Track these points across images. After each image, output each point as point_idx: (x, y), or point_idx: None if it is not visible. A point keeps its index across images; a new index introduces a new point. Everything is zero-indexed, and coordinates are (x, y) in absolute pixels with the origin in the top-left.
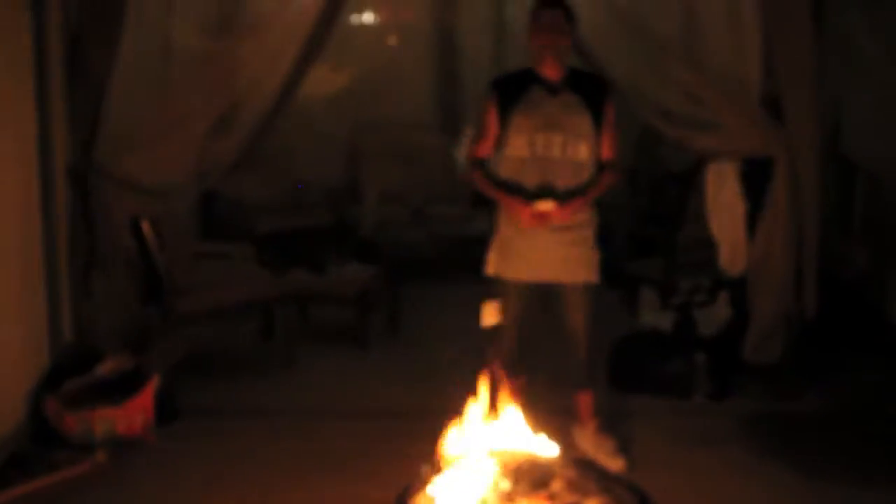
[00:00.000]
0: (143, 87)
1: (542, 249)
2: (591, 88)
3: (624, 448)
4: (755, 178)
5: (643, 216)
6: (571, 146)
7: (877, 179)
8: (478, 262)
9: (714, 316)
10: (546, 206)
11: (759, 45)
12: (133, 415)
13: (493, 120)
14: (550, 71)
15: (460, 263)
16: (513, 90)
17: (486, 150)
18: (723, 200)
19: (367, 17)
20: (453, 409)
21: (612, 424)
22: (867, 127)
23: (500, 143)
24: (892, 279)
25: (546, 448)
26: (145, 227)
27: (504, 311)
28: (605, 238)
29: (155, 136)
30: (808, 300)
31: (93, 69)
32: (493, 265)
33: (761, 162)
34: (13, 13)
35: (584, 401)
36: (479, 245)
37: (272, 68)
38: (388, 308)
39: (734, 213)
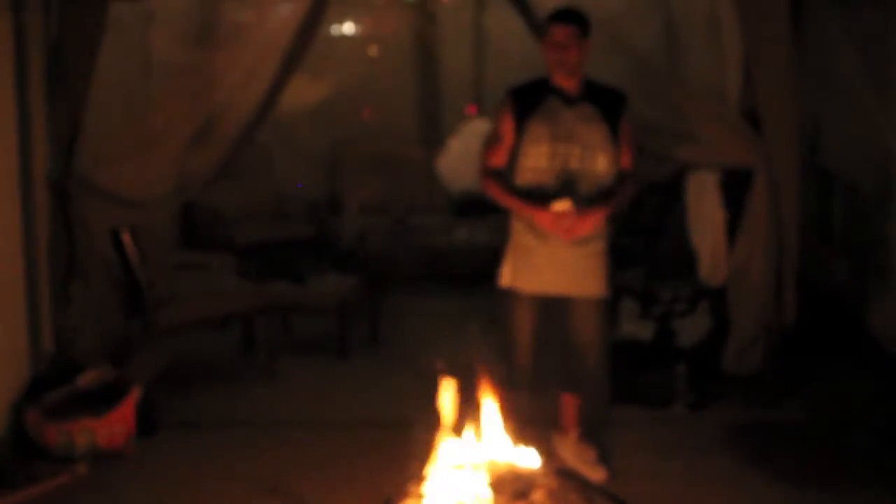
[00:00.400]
0: (122, 98)
1: (558, 261)
2: (607, 100)
3: (604, 458)
4: (735, 189)
5: (624, 226)
6: (589, 158)
7: (854, 190)
8: (459, 271)
9: (694, 326)
10: (563, 205)
11: (739, 59)
12: (114, 426)
13: (508, 128)
14: (566, 82)
15: (441, 274)
16: (529, 99)
17: (500, 159)
18: (703, 211)
19: (348, 28)
20: (434, 420)
21: (591, 433)
22: (844, 138)
23: (515, 154)
24: (870, 289)
25: (527, 458)
26: (125, 238)
27: (517, 324)
28: None
29: (135, 147)
30: (788, 310)
31: (73, 79)
32: (507, 277)
33: (741, 173)
34: None
35: (571, 408)
36: (460, 255)
37: (252, 79)
38: (368, 318)
39: (714, 224)
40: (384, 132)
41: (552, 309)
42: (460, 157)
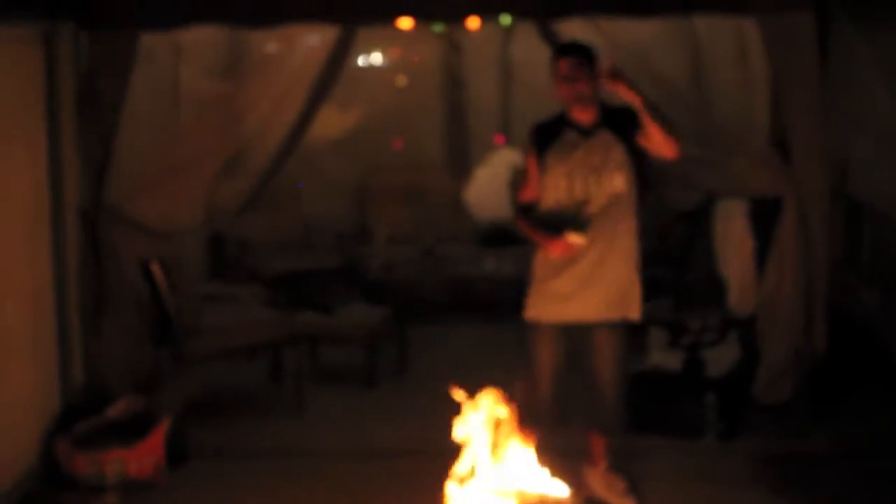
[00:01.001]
0: (152, 130)
1: (577, 289)
2: (622, 120)
3: (633, 489)
4: (763, 217)
5: (651, 255)
6: (607, 179)
7: (884, 218)
8: (486, 301)
9: (723, 355)
10: (576, 238)
11: (767, 87)
12: (144, 456)
13: (533, 166)
14: (581, 115)
15: (469, 303)
16: (548, 136)
17: (529, 195)
18: (731, 239)
19: (375, 58)
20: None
21: (621, 464)
22: (873, 166)
23: (541, 188)
24: None
25: (556, 488)
26: (155, 268)
27: (540, 356)
28: None
29: (164, 178)
30: (819, 339)
31: (103, 110)
32: (531, 309)
33: (769, 200)
34: (26, 51)
35: (599, 440)
36: (487, 284)
37: (279, 111)
38: (396, 348)
39: (743, 252)
40: (411, 162)
41: (576, 341)
42: (487, 187)
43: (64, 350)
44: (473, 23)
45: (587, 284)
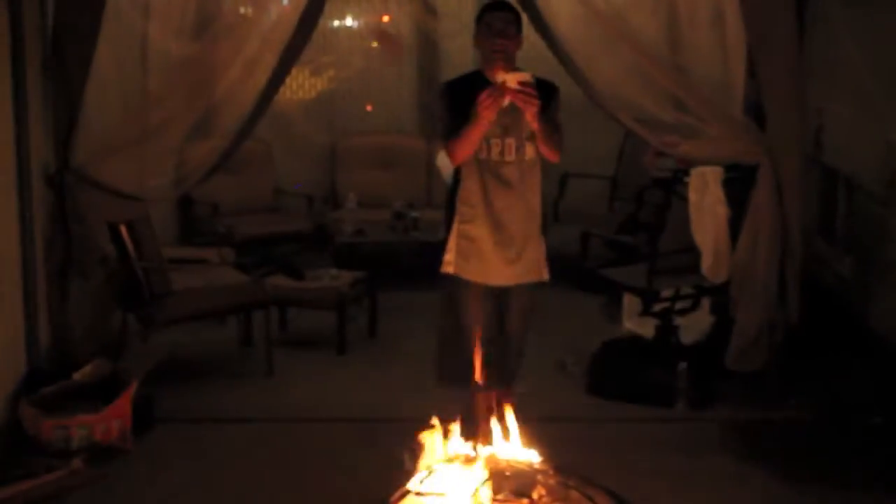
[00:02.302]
0: (120, 92)
1: (502, 252)
2: (540, 92)
3: (607, 454)
4: (738, 185)
5: (626, 222)
6: (523, 148)
7: (858, 186)
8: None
9: (696, 323)
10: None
11: (743, 53)
12: (111, 421)
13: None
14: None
15: (439, 268)
16: (464, 94)
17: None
18: (705, 207)
19: (347, 21)
20: (433, 413)
21: (592, 431)
22: (848, 134)
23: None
24: (873, 286)
25: (527, 455)
26: (123, 231)
27: (462, 314)
28: (585, 244)
29: (132, 141)
30: (792, 307)
31: (69, 71)
32: (451, 264)
33: (744, 168)
34: None
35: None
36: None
37: (251, 72)
38: (367, 313)
39: (717, 220)
40: (384, 125)
41: (493, 299)
42: None
43: (30, 313)
44: None
45: (508, 252)
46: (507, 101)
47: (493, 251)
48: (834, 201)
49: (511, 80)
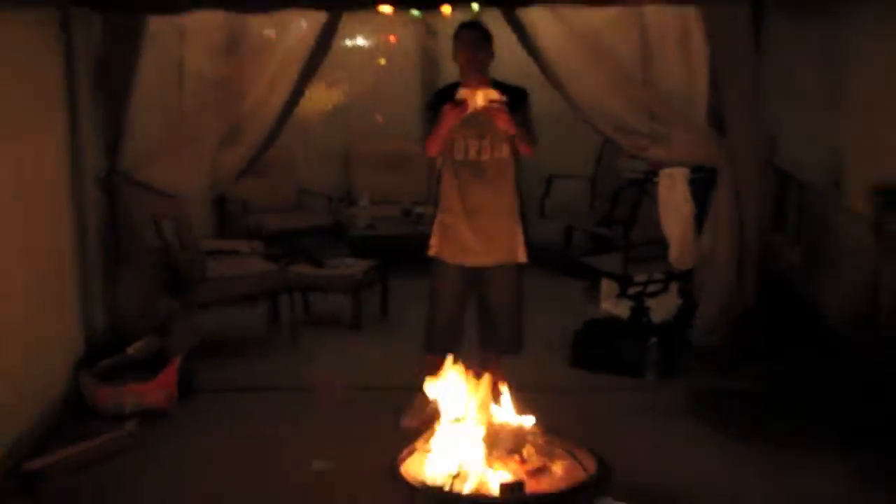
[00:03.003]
0: (160, 105)
1: (479, 237)
2: (511, 97)
3: (588, 418)
4: (701, 184)
5: (604, 217)
6: (497, 149)
7: (806, 186)
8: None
9: (665, 304)
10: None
11: (706, 69)
12: (158, 390)
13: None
14: (475, 84)
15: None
16: (444, 101)
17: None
18: (673, 203)
19: (359, 41)
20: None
21: (574, 399)
22: (798, 140)
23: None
24: (819, 273)
25: (520, 418)
26: (166, 226)
27: (441, 290)
28: (568, 236)
29: (172, 148)
30: (748, 291)
31: (116, 87)
32: (434, 248)
33: (707, 170)
34: (47, 35)
35: (494, 359)
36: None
37: (274, 87)
38: (378, 296)
39: (683, 215)
40: (391, 133)
41: (473, 278)
42: None
43: (86, 298)
44: (446, 10)
45: (483, 237)
46: (468, 112)
47: (469, 237)
48: (785, 199)
49: (481, 98)
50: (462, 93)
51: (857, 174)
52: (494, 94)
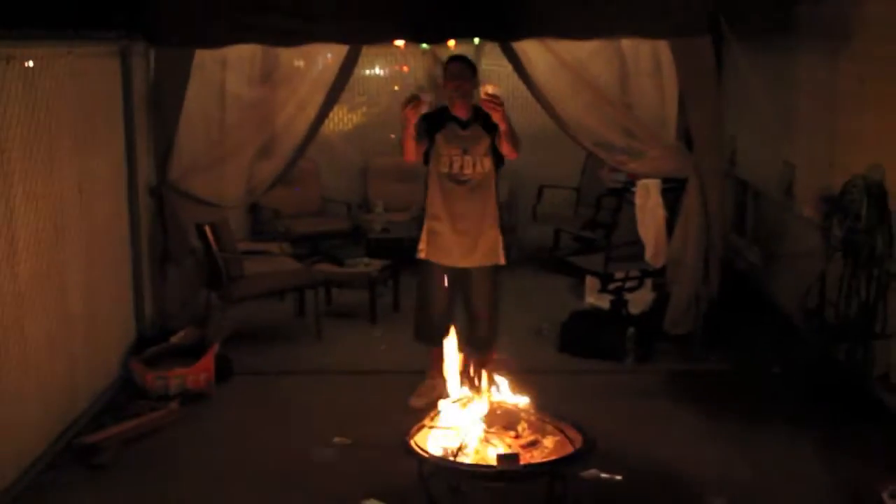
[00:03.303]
0: (204, 125)
1: (460, 241)
2: (487, 117)
3: (574, 398)
4: (672, 193)
5: (588, 222)
6: (479, 163)
7: (763, 194)
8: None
9: (641, 298)
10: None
11: (675, 94)
12: (199, 373)
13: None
14: (460, 111)
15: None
16: (436, 123)
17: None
18: (648, 210)
19: (376, 70)
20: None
21: (563, 381)
22: (755, 155)
23: (428, 160)
24: (773, 269)
25: (515, 399)
26: (207, 230)
27: (431, 289)
28: (557, 239)
29: (213, 162)
30: (713, 285)
31: (166, 109)
32: (423, 252)
33: (677, 180)
34: (108, 63)
35: (476, 360)
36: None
37: (303, 109)
38: (391, 291)
39: (657, 220)
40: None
41: (457, 278)
42: None
43: (138, 293)
44: (451, 43)
45: (466, 242)
46: (423, 106)
47: (453, 242)
48: (745, 205)
49: (482, 91)
50: (485, 87)
51: (806, 185)
52: (497, 89)
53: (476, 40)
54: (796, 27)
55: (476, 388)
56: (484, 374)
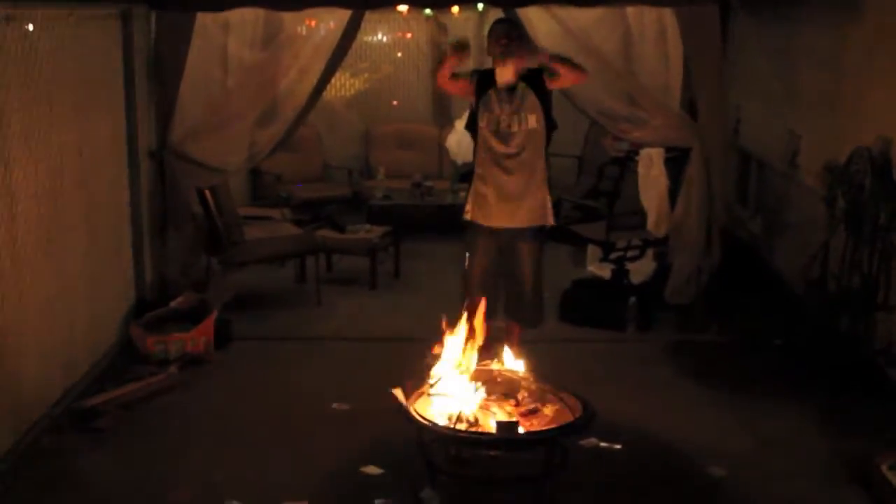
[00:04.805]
0: (205, 89)
1: (507, 204)
2: (532, 75)
3: (575, 366)
4: (676, 163)
5: (590, 191)
6: (525, 121)
7: (765, 165)
8: (460, 224)
9: (643, 267)
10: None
11: (680, 62)
12: (198, 338)
13: (467, 86)
14: (507, 74)
15: (447, 225)
16: (485, 83)
17: (450, 84)
18: (651, 179)
19: (378, 37)
20: (442, 335)
21: (563, 349)
22: (759, 125)
23: (474, 121)
24: (777, 240)
25: (514, 366)
26: (207, 195)
27: (476, 249)
28: (558, 207)
29: (215, 126)
30: (715, 256)
31: (167, 73)
32: (470, 213)
33: (680, 150)
34: (109, 27)
35: (516, 329)
36: (462, 211)
37: (305, 75)
38: (392, 258)
39: (659, 189)
40: (405, 116)
41: (502, 240)
42: (463, 136)
43: (137, 257)
44: (455, 9)
45: (515, 200)
46: (466, 54)
47: (497, 203)
48: (748, 176)
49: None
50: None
51: (810, 155)
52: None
53: (479, 6)
54: None
55: (493, 357)
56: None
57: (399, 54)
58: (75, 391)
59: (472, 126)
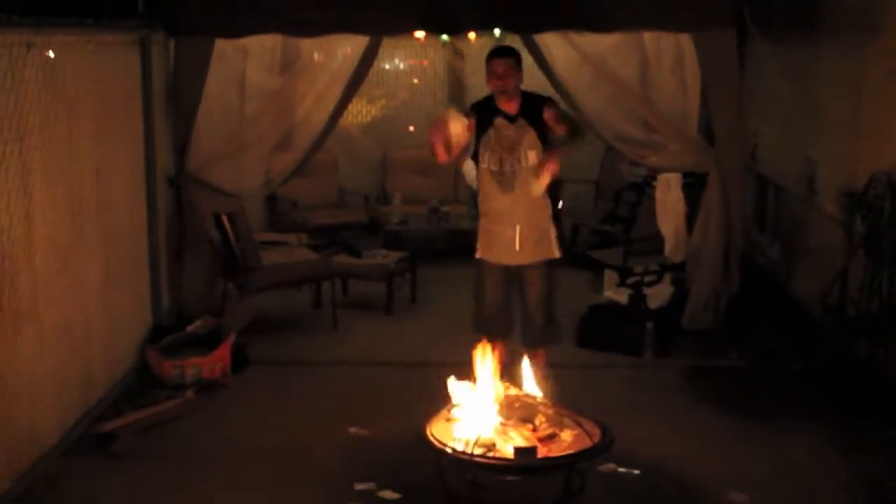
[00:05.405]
0: (223, 115)
1: (511, 240)
2: (534, 105)
3: (592, 391)
4: (693, 187)
5: (607, 216)
6: (524, 157)
7: (783, 190)
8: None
9: (660, 292)
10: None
11: (698, 88)
12: (215, 363)
13: (468, 134)
14: (507, 105)
15: (464, 250)
16: (485, 115)
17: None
18: (668, 204)
19: (395, 63)
20: (459, 362)
21: (581, 375)
22: (777, 150)
23: (475, 155)
24: (795, 265)
25: (532, 392)
26: (224, 220)
27: (485, 285)
28: (575, 233)
29: (232, 152)
30: (733, 281)
31: (185, 99)
32: (480, 252)
33: (698, 175)
34: (128, 53)
35: (533, 354)
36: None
37: (322, 101)
38: (408, 284)
39: (677, 214)
40: (421, 142)
41: (512, 274)
42: None
43: (154, 282)
44: (472, 35)
45: (519, 237)
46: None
47: (503, 240)
48: (765, 201)
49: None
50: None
51: (827, 180)
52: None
53: (497, 32)
54: (821, 20)
55: (513, 383)
56: (530, 369)
57: (415, 80)
58: (92, 415)
59: (476, 156)
